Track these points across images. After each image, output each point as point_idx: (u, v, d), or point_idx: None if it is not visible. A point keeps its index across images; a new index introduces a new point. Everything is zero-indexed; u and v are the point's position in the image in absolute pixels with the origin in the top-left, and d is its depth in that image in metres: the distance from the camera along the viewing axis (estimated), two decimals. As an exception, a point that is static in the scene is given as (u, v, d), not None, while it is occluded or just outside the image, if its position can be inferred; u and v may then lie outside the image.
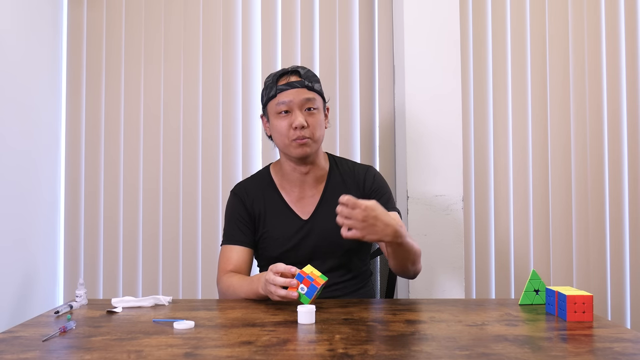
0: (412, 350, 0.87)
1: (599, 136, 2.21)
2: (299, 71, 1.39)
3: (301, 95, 1.36)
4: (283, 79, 1.39)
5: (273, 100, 1.38)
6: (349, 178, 1.49)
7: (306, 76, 1.39)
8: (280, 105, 1.36)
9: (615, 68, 2.22)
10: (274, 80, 1.39)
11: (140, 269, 2.10)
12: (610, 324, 1.04)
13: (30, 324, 1.07)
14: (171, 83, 2.13)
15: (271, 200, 1.46)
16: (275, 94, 1.37)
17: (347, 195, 1.14)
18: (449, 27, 2.03)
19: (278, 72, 1.41)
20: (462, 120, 2.10)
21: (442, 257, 1.98)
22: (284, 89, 1.37)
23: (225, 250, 1.44)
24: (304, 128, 1.35)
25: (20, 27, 1.79)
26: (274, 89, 1.38)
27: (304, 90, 1.37)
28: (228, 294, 1.35)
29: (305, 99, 1.37)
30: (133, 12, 2.12)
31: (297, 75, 1.39)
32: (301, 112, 1.36)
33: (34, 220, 1.90)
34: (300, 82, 1.37)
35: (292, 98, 1.36)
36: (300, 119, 1.35)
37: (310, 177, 1.46)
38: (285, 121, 1.37)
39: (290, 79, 1.38)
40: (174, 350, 0.87)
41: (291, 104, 1.36)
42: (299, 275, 1.12)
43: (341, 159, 1.54)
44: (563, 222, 2.19)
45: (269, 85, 1.40)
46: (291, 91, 1.36)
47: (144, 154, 2.12)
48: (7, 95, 1.71)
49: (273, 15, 2.15)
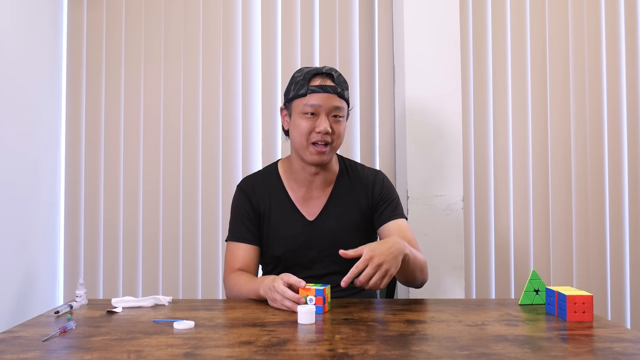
0: (412, 350, 0.87)
1: (599, 136, 2.21)
2: (333, 75, 1.36)
3: (331, 101, 1.34)
4: (316, 80, 1.36)
5: (302, 99, 1.35)
6: (357, 182, 1.48)
7: (339, 82, 1.37)
8: (309, 107, 1.34)
9: (615, 68, 2.21)
10: (306, 79, 1.36)
11: (140, 269, 2.10)
12: (610, 324, 1.04)
13: (30, 324, 1.07)
14: (171, 83, 2.13)
15: (277, 198, 1.45)
16: (305, 94, 1.35)
17: (342, 251, 1.15)
18: (449, 27, 2.03)
19: (311, 71, 1.37)
20: (462, 120, 2.10)
21: (442, 257, 1.98)
22: (316, 91, 1.34)
23: (232, 248, 1.44)
24: (328, 134, 1.34)
25: (20, 27, 1.79)
26: (305, 88, 1.35)
27: (335, 97, 1.35)
28: (234, 292, 1.35)
29: (335, 107, 1.35)
30: (133, 12, 2.12)
31: (331, 79, 1.36)
32: (327, 118, 1.34)
33: (34, 220, 1.90)
34: (333, 88, 1.35)
35: (322, 102, 1.34)
36: (326, 124, 1.33)
37: (319, 179, 1.45)
38: (309, 122, 1.35)
39: (324, 81, 1.35)
40: (174, 350, 0.87)
41: (319, 108, 1.34)
42: (319, 291, 1.13)
43: (351, 161, 1.53)
44: (563, 222, 2.19)
45: (299, 82, 1.37)
46: (323, 95, 1.34)
47: (144, 154, 2.12)
48: (7, 96, 1.71)
49: (273, 15, 2.15)
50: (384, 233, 1.43)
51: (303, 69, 1.40)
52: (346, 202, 1.45)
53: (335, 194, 1.46)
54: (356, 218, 1.45)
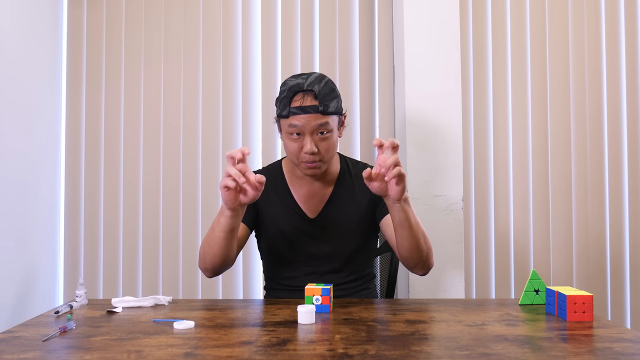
0: (412, 350, 0.87)
1: (599, 136, 2.21)
2: (314, 91, 1.31)
3: (314, 120, 1.31)
4: (297, 99, 1.32)
5: (285, 119, 1.33)
6: (359, 180, 1.48)
7: (322, 97, 1.31)
8: (292, 128, 1.32)
9: (615, 68, 2.21)
10: (288, 97, 1.32)
11: (140, 269, 2.10)
12: (610, 324, 1.04)
13: (30, 324, 1.07)
14: (171, 83, 2.13)
15: (280, 195, 1.46)
16: (287, 115, 1.32)
17: (366, 171, 1.16)
18: (449, 27, 2.03)
19: (293, 87, 1.32)
20: (462, 120, 2.10)
21: (442, 257, 1.98)
22: (297, 113, 1.31)
23: None
24: (314, 154, 1.33)
25: (20, 27, 1.79)
26: (287, 109, 1.32)
27: (318, 115, 1.31)
28: (203, 251, 1.31)
29: (318, 125, 1.31)
30: (133, 12, 2.12)
31: (313, 96, 1.31)
32: (312, 138, 1.32)
33: (34, 220, 1.90)
34: (314, 108, 1.31)
35: (304, 123, 1.31)
36: (310, 145, 1.31)
37: (321, 179, 1.46)
38: (296, 143, 1.34)
39: (304, 101, 1.31)
40: (174, 350, 0.87)
41: (303, 128, 1.31)
42: (326, 291, 1.13)
43: (352, 160, 1.53)
44: (563, 222, 2.19)
45: (282, 100, 1.34)
46: (304, 116, 1.30)
47: (144, 154, 2.12)
48: (7, 96, 1.71)
49: (273, 15, 2.15)
50: (385, 226, 1.41)
51: (288, 82, 1.35)
52: (347, 200, 1.46)
53: (337, 192, 1.46)
54: (357, 216, 1.45)
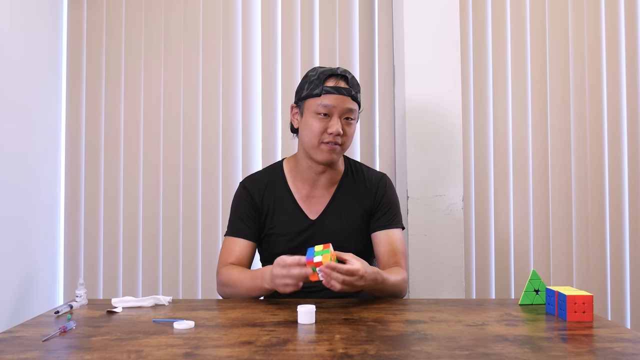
0: (412, 350, 0.87)
1: (599, 136, 2.21)
2: (347, 77, 1.38)
3: (345, 103, 1.36)
4: (331, 81, 1.37)
5: (316, 99, 1.36)
6: (361, 183, 1.49)
7: (352, 84, 1.38)
8: (322, 107, 1.35)
9: (615, 68, 2.21)
10: (321, 79, 1.36)
11: (140, 269, 2.10)
12: (610, 324, 1.04)
13: (30, 324, 1.07)
14: (171, 83, 2.13)
15: (281, 196, 1.46)
16: (320, 94, 1.36)
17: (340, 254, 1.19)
18: (449, 27, 2.03)
19: (326, 71, 1.38)
20: (462, 120, 2.10)
21: (442, 257, 1.98)
22: (331, 92, 1.35)
23: (229, 242, 1.44)
24: (339, 135, 1.36)
25: (20, 27, 1.79)
26: (319, 88, 1.36)
27: (348, 99, 1.36)
28: (227, 289, 1.35)
29: (348, 109, 1.36)
30: (133, 12, 2.12)
31: (345, 81, 1.38)
32: (339, 120, 1.36)
33: (34, 220, 1.90)
34: (348, 90, 1.36)
35: (335, 104, 1.35)
36: (338, 126, 1.35)
37: (324, 178, 1.46)
38: (321, 123, 1.36)
39: (338, 83, 1.37)
40: (174, 350, 0.87)
41: (333, 109, 1.35)
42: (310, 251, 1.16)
43: (356, 162, 1.55)
44: (563, 222, 2.19)
45: (313, 82, 1.38)
46: (337, 97, 1.35)
47: (144, 154, 2.12)
48: (7, 96, 1.71)
49: (273, 15, 2.15)
50: (375, 241, 1.46)
51: (318, 69, 1.41)
52: (349, 202, 1.46)
53: (339, 193, 1.46)
54: (358, 218, 1.45)
